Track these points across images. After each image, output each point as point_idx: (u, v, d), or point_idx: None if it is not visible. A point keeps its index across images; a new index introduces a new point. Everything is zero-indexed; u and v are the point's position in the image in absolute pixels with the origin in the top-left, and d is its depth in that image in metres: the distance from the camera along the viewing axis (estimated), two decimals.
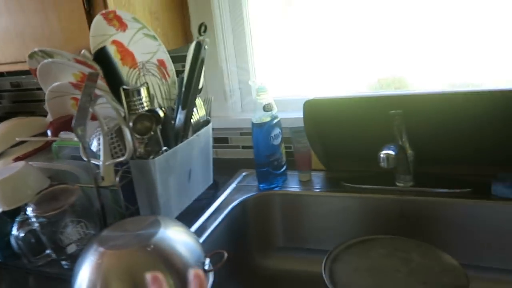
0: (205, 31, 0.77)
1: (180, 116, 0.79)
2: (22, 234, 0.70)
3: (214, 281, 0.64)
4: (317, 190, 0.92)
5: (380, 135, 0.81)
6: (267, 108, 0.89)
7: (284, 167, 0.95)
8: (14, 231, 0.73)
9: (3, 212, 0.76)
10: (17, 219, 0.74)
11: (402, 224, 0.83)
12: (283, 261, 0.95)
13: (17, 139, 0.83)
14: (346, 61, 1.05)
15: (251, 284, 0.92)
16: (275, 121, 0.90)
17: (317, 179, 0.96)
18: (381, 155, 0.70)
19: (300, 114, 0.89)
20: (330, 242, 0.77)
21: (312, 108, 0.86)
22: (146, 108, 0.71)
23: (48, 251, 0.72)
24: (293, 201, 0.93)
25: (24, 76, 1.41)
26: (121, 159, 0.70)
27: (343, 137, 0.91)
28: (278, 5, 1.08)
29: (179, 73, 0.90)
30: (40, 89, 1.40)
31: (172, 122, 0.79)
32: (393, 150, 0.71)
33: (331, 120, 0.89)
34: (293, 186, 0.95)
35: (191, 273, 0.38)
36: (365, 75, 1.04)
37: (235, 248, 0.90)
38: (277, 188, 0.94)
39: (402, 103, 0.82)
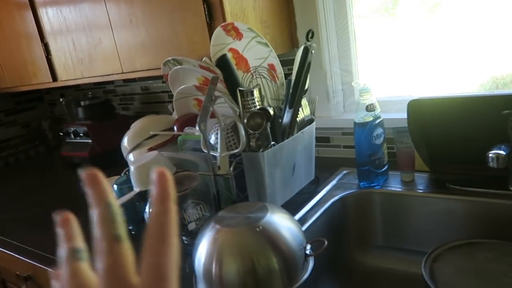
0: (312, 37, 0.84)
1: (287, 115, 0.86)
2: (149, 210, 0.84)
3: (313, 269, 0.69)
4: (420, 191, 0.91)
5: (490, 137, 0.78)
6: (369, 108, 0.91)
7: (386, 167, 0.96)
8: (147, 209, 0.88)
9: (138, 194, 0.91)
10: (150, 199, 0.88)
11: None
12: (380, 259, 0.96)
13: (151, 132, 1.00)
14: (456, 60, 1.02)
15: (347, 279, 0.95)
16: (377, 121, 0.92)
17: (420, 180, 0.95)
18: (490, 155, 0.68)
19: (404, 115, 0.89)
20: (431, 244, 0.76)
21: (417, 108, 0.86)
22: (258, 107, 0.79)
23: None
24: (394, 200, 0.94)
25: (151, 81, 1.63)
26: (235, 151, 0.80)
27: (449, 139, 0.89)
28: (382, 5, 1.10)
29: (286, 75, 0.98)
30: (164, 92, 1.61)
31: (280, 120, 0.87)
32: (504, 150, 0.68)
33: (437, 121, 0.88)
34: (395, 186, 0.95)
35: (154, 172, 0.25)
36: (476, 74, 1.00)
37: (334, 242, 0.94)
38: (377, 187, 0.96)
39: None
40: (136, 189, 0.86)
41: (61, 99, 1.85)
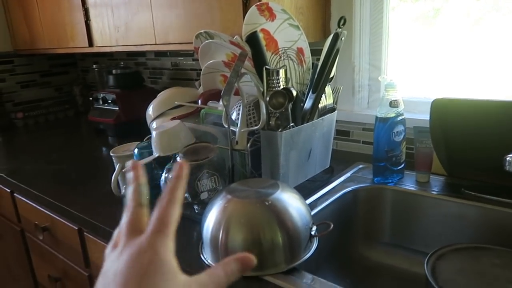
0: (344, 24, 0.84)
1: (310, 100, 0.87)
2: (170, 176, 0.87)
3: (316, 250, 0.70)
4: (434, 193, 0.91)
5: None
6: (393, 104, 0.91)
7: (403, 165, 0.96)
8: (163, 175, 0.91)
9: (157, 159, 0.94)
10: (167, 166, 0.91)
11: None
12: (385, 255, 0.96)
13: (176, 103, 1.03)
14: (487, 69, 1.00)
15: (350, 271, 0.96)
16: (399, 118, 0.92)
17: (436, 183, 0.95)
18: (508, 158, 0.68)
19: (427, 117, 0.89)
20: (437, 246, 0.76)
21: (441, 108, 0.86)
22: (282, 87, 0.81)
23: (186, 195, 0.88)
24: (406, 199, 0.94)
25: (182, 58, 1.67)
26: (255, 128, 0.82)
27: (470, 143, 0.88)
28: (423, 8, 1.09)
29: (313, 64, 0.98)
30: (193, 69, 1.64)
31: (302, 104, 0.88)
32: None
33: (460, 123, 0.87)
34: (409, 185, 0.95)
35: (176, 163, 0.37)
36: (508, 84, 0.98)
37: (340, 232, 0.95)
38: (391, 184, 0.96)
39: None
40: (156, 154, 0.89)
41: (94, 66, 1.91)
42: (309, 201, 0.91)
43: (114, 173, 0.96)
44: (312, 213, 0.88)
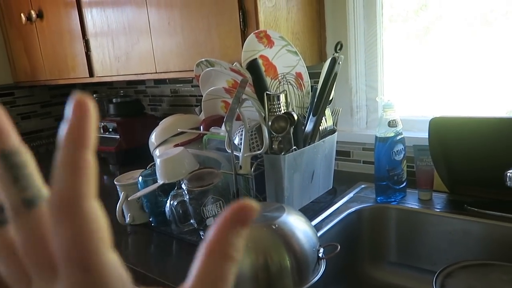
0: (340, 48, 0.87)
1: (310, 122, 0.89)
2: (175, 203, 0.87)
3: (324, 273, 0.70)
4: (437, 210, 0.91)
5: None
6: (392, 124, 0.93)
7: (404, 184, 0.97)
8: (169, 202, 0.91)
9: (161, 186, 0.95)
10: (172, 193, 0.92)
11: None
12: (392, 275, 0.96)
13: (179, 129, 1.04)
14: (482, 86, 1.03)
15: None
16: (398, 137, 0.94)
17: (438, 200, 0.96)
18: (509, 174, 0.69)
19: (425, 135, 0.90)
20: (443, 264, 0.76)
21: (439, 126, 0.88)
22: (283, 111, 0.82)
23: (192, 221, 0.88)
24: (410, 217, 0.94)
25: (181, 85, 1.69)
26: (258, 152, 0.83)
27: (470, 160, 0.89)
28: (413, 27, 1.12)
29: (312, 87, 1.00)
30: (192, 96, 1.67)
31: (303, 127, 0.90)
32: None
33: (459, 141, 0.88)
34: (412, 203, 0.96)
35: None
36: (504, 101, 1.00)
37: (346, 253, 0.95)
38: (394, 203, 0.97)
39: None
40: (160, 181, 0.90)
41: (94, 95, 1.93)
42: (314, 222, 0.91)
43: (119, 202, 0.96)
44: (318, 234, 0.88)
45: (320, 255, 0.71)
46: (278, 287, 0.66)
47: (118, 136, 1.58)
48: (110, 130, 1.61)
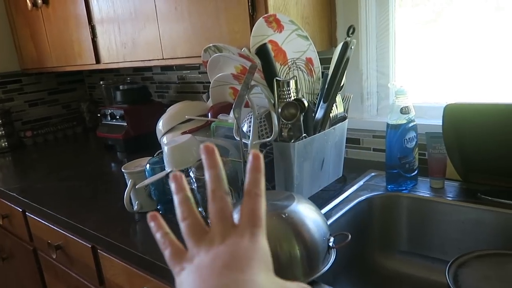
0: (353, 32, 0.84)
1: (321, 109, 0.87)
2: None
3: (334, 262, 0.69)
4: (450, 199, 0.90)
5: None
6: (404, 110, 0.90)
7: (416, 172, 0.95)
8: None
9: (167, 175, 0.94)
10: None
11: None
12: (403, 264, 0.95)
13: (186, 116, 1.03)
14: (496, 69, 0.99)
15: (368, 281, 0.95)
16: (411, 124, 0.91)
17: (450, 188, 0.94)
18: None
19: (438, 122, 0.88)
20: (455, 254, 0.75)
21: (454, 113, 0.85)
22: (293, 98, 0.80)
23: (200, 209, 0.87)
24: (422, 206, 0.92)
25: (188, 71, 1.67)
26: (267, 139, 0.82)
27: (484, 148, 0.87)
28: (425, 11, 1.09)
29: (322, 73, 0.98)
30: (199, 82, 1.65)
31: (313, 114, 0.88)
32: None
33: (473, 128, 0.86)
34: (423, 191, 0.94)
35: (251, 153, 0.35)
36: None
37: (356, 241, 0.94)
38: (405, 191, 0.95)
39: None
40: (168, 169, 0.89)
41: (101, 82, 1.92)
42: (324, 211, 0.90)
43: (127, 189, 0.95)
44: (328, 223, 0.87)
45: (331, 244, 0.70)
46: (288, 277, 0.65)
47: (126, 124, 1.57)
48: (118, 117, 1.61)
